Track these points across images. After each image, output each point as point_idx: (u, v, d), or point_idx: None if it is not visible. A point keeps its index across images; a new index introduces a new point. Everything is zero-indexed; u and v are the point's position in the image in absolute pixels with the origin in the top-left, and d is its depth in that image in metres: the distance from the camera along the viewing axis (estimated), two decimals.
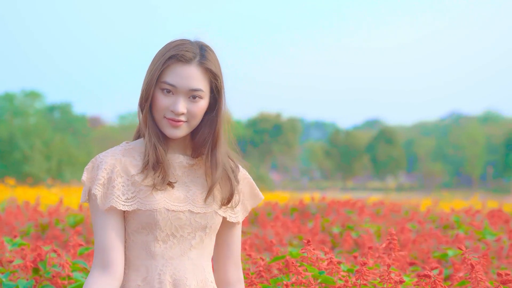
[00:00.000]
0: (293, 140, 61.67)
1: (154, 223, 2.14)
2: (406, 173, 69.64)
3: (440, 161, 65.47)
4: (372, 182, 65.71)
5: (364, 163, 64.13)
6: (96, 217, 2.16)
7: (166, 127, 2.17)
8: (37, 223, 6.61)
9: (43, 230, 6.53)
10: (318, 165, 67.31)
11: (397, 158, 62.73)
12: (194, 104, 2.16)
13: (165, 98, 2.15)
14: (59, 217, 6.73)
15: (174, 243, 2.17)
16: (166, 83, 2.14)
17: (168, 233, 2.16)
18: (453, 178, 65.18)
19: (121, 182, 2.16)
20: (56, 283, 3.36)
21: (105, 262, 2.13)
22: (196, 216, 2.18)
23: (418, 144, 68.44)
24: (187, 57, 2.14)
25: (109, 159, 2.18)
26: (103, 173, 2.15)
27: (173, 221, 2.15)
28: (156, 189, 2.15)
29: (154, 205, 2.14)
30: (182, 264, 2.17)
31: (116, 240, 2.15)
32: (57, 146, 41.17)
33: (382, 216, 6.56)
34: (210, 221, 2.20)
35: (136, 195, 2.15)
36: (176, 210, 2.16)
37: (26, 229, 6.45)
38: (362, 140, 64.87)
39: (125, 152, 2.20)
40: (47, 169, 40.21)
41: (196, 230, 2.19)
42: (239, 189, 2.28)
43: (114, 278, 2.12)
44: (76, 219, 6.69)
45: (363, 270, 2.55)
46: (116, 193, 2.14)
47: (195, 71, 2.15)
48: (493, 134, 63.74)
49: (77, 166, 41.35)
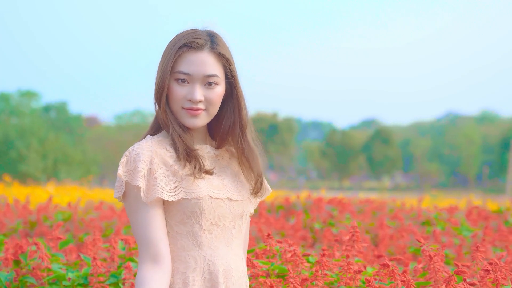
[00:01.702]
0: (290, 140, 61.76)
1: (200, 212, 2.12)
2: (403, 173, 69.72)
3: (436, 161, 65.56)
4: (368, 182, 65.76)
5: (360, 163, 64.21)
6: (138, 210, 2.10)
7: (185, 118, 2.14)
8: (26, 220, 6.71)
9: (32, 227, 6.63)
10: (314, 165, 67.39)
11: (393, 158, 62.81)
12: (211, 91, 2.13)
13: (180, 88, 2.13)
14: (47, 214, 6.84)
15: (219, 232, 2.15)
16: (180, 72, 2.12)
17: (212, 222, 2.14)
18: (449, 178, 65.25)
19: (162, 173, 2.11)
20: (36, 275, 3.46)
21: (154, 255, 2.08)
22: (234, 204, 2.17)
23: (415, 144, 68.52)
24: (199, 44, 2.13)
25: (146, 150, 2.12)
26: (142, 164, 2.09)
27: (216, 209, 2.14)
28: (197, 177, 2.12)
29: (199, 193, 2.12)
30: (227, 254, 2.15)
31: (162, 232, 2.10)
32: (53, 145, 41.22)
33: (364, 213, 6.67)
34: (246, 209, 2.20)
35: (179, 185, 2.11)
36: (218, 198, 2.14)
37: (15, 226, 6.55)
38: (358, 140, 64.94)
39: (157, 144, 2.15)
40: (43, 168, 40.27)
41: (236, 219, 2.18)
42: None
43: (166, 271, 2.08)
44: (64, 216, 6.80)
45: (323, 261, 2.65)
46: (160, 184, 2.09)
47: (208, 57, 2.13)
48: (489, 134, 63.84)
49: (73, 166, 41.42)
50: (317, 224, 5.85)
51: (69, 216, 6.75)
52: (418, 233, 5.01)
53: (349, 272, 2.67)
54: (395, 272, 2.47)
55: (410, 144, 68.65)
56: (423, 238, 5.00)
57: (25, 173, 38.30)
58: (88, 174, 41.13)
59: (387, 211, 7.41)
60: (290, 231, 5.52)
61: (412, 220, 6.20)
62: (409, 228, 5.13)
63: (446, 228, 5.45)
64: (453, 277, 2.40)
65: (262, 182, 2.23)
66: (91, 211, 7.53)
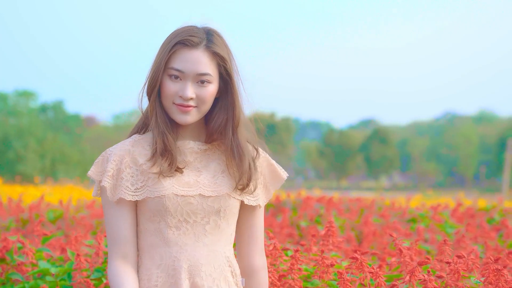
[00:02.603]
0: (287, 140, 61.83)
1: (164, 210, 2.14)
2: (401, 173, 69.84)
3: (434, 161, 65.68)
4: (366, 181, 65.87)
5: (358, 163, 64.31)
6: (108, 209, 2.17)
7: (176, 113, 2.16)
8: (18, 218, 6.79)
9: (24, 225, 6.71)
10: (312, 164, 67.49)
11: (391, 157, 62.91)
12: (202, 89, 2.15)
13: (173, 84, 2.15)
14: (39, 212, 6.92)
15: (188, 229, 2.15)
16: (173, 68, 2.14)
17: (180, 219, 2.15)
18: (447, 177, 65.37)
19: (130, 173, 2.16)
20: (21, 271, 3.54)
21: (122, 253, 2.17)
22: (208, 200, 2.16)
23: (412, 144, 68.63)
24: (194, 41, 2.14)
25: (118, 150, 2.18)
26: (111, 165, 2.16)
27: (183, 206, 2.14)
28: (163, 176, 2.15)
29: (163, 191, 2.14)
30: (197, 250, 2.15)
31: (128, 231, 2.17)
32: (51, 145, 41.29)
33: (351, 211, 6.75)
34: (223, 204, 2.17)
35: (146, 184, 2.15)
36: (185, 195, 2.14)
37: (7, 224, 6.63)
38: (356, 140, 65.04)
39: (134, 143, 2.21)
40: (41, 168, 40.35)
41: (210, 215, 2.16)
42: (258, 172, 2.25)
43: (134, 268, 2.17)
44: (56, 214, 6.89)
45: (296, 256, 2.73)
46: (125, 184, 2.15)
47: (202, 56, 2.15)
48: (487, 134, 63.96)
49: (70, 165, 41.48)
50: (303, 221, 5.93)
51: (61, 214, 6.84)
52: (401, 230, 5.10)
53: (323, 265, 2.74)
54: (364, 265, 2.55)
55: (408, 144, 68.76)
56: (407, 234, 5.09)
57: (23, 173, 38.38)
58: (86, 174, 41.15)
59: (375, 209, 7.49)
60: (277, 229, 5.59)
61: (399, 218, 6.28)
62: (393, 226, 5.21)
63: (430, 225, 5.54)
64: (417, 268, 2.47)
65: (249, 179, 2.20)
66: (82, 209, 7.61)
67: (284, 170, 2.32)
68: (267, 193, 2.28)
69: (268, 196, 2.28)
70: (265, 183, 2.27)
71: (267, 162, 2.29)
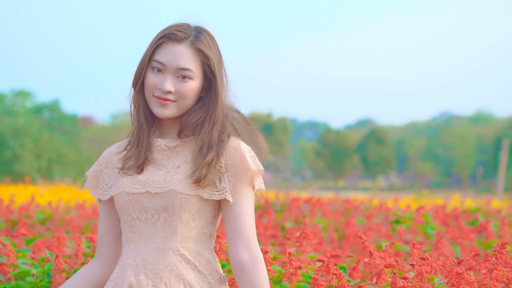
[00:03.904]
0: (284, 140, 61.90)
1: (119, 208, 2.18)
2: (398, 173, 69.94)
3: (431, 161, 65.78)
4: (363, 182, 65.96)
5: (354, 163, 64.41)
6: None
7: (154, 106, 2.17)
8: (7, 219, 6.85)
9: (13, 226, 6.77)
10: (309, 165, 67.58)
11: (388, 158, 63.00)
12: (182, 84, 2.15)
13: (154, 76, 2.16)
14: (28, 213, 6.99)
15: (140, 226, 2.16)
16: (155, 61, 2.16)
17: (133, 217, 2.16)
18: (443, 178, 65.47)
19: (107, 173, 2.25)
20: (3, 271, 3.60)
21: (97, 251, 2.28)
22: (155, 197, 2.14)
23: (409, 144, 68.74)
24: (179, 36, 2.16)
25: (105, 152, 2.28)
26: (95, 166, 2.28)
27: (135, 204, 2.16)
28: (123, 173, 2.19)
29: (116, 190, 2.19)
30: (146, 248, 2.15)
31: (104, 230, 2.26)
32: (47, 145, 41.32)
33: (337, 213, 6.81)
34: (170, 201, 2.12)
35: (113, 183, 2.22)
36: (135, 193, 2.16)
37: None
38: (353, 140, 65.15)
39: (121, 144, 2.27)
40: (38, 168, 40.38)
41: (159, 212, 2.14)
42: (229, 165, 2.16)
43: (103, 267, 2.26)
44: (45, 215, 6.95)
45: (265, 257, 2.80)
46: (101, 185, 2.25)
47: (186, 51, 2.15)
48: (484, 134, 64.05)
49: (67, 165, 41.50)
50: (288, 223, 5.99)
51: (50, 215, 6.90)
52: (383, 231, 5.17)
53: (291, 267, 2.81)
54: (330, 266, 2.62)
55: (405, 144, 68.87)
56: (388, 236, 5.16)
57: (20, 172, 38.41)
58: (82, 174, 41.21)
59: (363, 210, 7.56)
60: (261, 230, 5.65)
61: (383, 219, 6.35)
62: (375, 227, 5.28)
63: (411, 226, 5.61)
64: (383, 271, 2.54)
65: (207, 172, 2.11)
66: (72, 210, 7.67)
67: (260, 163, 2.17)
68: (238, 186, 2.14)
69: (238, 190, 2.14)
70: (235, 175, 2.15)
71: (239, 153, 2.15)
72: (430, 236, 5.20)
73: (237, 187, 2.14)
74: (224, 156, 2.15)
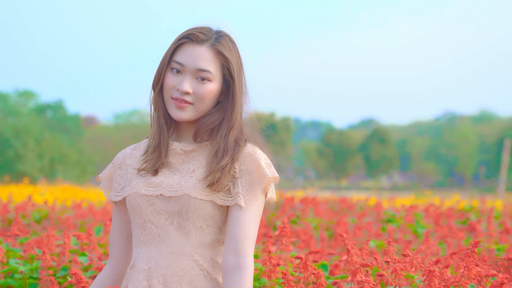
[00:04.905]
0: (287, 140, 61.93)
1: (131, 209, 2.16)
2: (401, 173, 69.90)
3: (434, 161, 65.73)
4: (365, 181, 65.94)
5: (357, 163, 64.40)
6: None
7: (172, 108, 2.14)
8: (4, 218, 6.92)
9: (10, 225, 6.84)
10: (312, 164, 67.60)
11: (390, 157, 62.99)
12: (201, 86, 2.13)
13: (173, 77, 2.14)
14: (25, 212, 7.06)
15: (153, 229, 2.13)
16: (175, 61, 2.14)
17: (145, 219, 2.14)
18: (446, 177, 65.41)
19: (119, 174, 2.22)
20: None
21: (110, 254, 2.28)
22: (170, 200, 2.11)
23: (412, 144, 68.70)
24: (200, 37, 2.14)
25: (120, 154, 2.26)
26: (108, 168, 2.25)
27: (148, 207, 2.13)
28: (139, 175, 2.17)
29: (129, 191, 2.17)
30: (159, 252, 2.12)
31: (116, 233, 2.26)
32: (49, 144, 41.43)
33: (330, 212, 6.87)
34: (184, 206, 2.10)
35: (126, 184, 2.20)
36: (148, 195, 2.13)
37: None
38: (356, 140, 65.14)
39: (137, 146, 2.26)
40: (40, 168, 40.49)
41: (173, 216, 2.12)
42: (243, 171, 2.13)
43: (114, 270, 2.26)
44: (41, 214, 7.03)
45: None
46: (114, 186, 2.22)
47: (206, 52, 2.14)
48: (486, 134, 63.99)
49: (69, 165, 41.60)
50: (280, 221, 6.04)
51: (46, 214, 6.97)
52: (372, 230, 5.22)
53: (271, 264, 2.87)
54: (308, 264, 2.67)
55: (408, 143, 68.83)
56: (377, 235, 5.21)
57: (22, 172, 38.53)
58: (85, 174, 41.43)
59: (357, 210, 7.61)
60: None
61: (375, 219, 6.40)
62: (365, 226, 5.33)
63: (401, 225, 5.66)
64: (359, 269, 2.59)
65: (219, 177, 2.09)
66: (68, 210, 7.74)
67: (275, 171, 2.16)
68: (251, 192, 2.11)
69: (252, 195, 2.10)
70: (250, 182, 2.12)
71: (251, 156, 2.13)
72: (420, 235, 5.25)
73: (250, 193, 2.12)
74: (239, 161, 2.13)
